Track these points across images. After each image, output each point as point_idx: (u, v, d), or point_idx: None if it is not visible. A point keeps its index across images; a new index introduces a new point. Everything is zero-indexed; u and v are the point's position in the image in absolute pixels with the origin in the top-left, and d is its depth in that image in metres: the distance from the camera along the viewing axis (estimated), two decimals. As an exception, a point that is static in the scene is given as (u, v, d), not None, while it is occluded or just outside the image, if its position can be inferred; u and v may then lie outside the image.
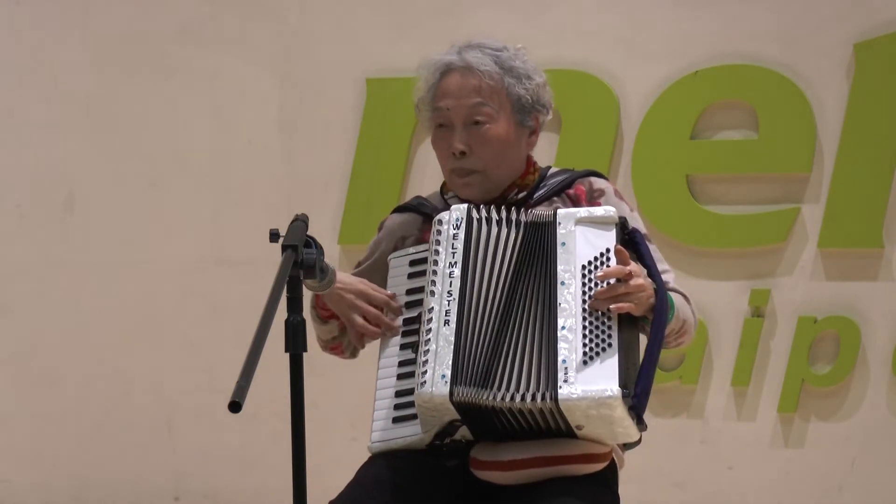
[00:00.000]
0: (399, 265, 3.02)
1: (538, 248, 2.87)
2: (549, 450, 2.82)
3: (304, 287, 2.73)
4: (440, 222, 2.91)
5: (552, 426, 2.79)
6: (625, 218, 2.89)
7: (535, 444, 2.82)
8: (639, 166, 4.81)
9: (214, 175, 5.22)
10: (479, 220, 2.90)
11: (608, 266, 2.81)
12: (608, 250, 2.83)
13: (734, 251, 4.74)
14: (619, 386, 2.71)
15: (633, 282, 2.78)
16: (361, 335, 3.02)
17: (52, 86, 5.33)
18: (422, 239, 3.06)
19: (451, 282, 2.85)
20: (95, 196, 5.30)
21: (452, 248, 2.88)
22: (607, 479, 2.91)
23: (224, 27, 5.20)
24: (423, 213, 3.10)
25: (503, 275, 2.86)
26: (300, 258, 2.69)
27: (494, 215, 2.90)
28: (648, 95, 4.81)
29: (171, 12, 5.24)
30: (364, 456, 2.96)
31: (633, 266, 2.81)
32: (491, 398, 2.77)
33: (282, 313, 2.61)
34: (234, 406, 2.37)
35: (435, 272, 2.87)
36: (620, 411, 2.73)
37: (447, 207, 2.98)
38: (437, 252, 2.89)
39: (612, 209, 2.88)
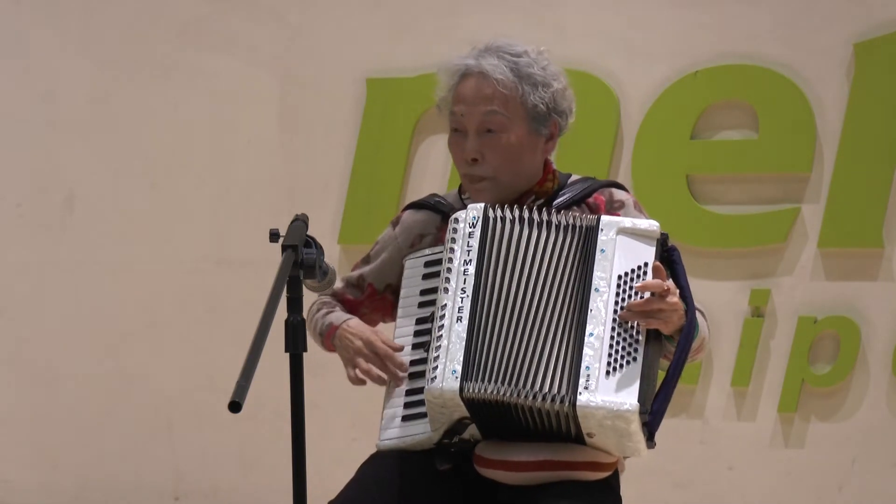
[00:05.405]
0: (414, 266, 3.01)
1: (575, 251, 2.84)
2: (557, 454, 2.82)
3: (304, 287, 2.73)
4: (456, 220, 2.90)
5: (563, 430, 2.79)
6: (666, 234, 2.87)
7: (543, 447, 2.82)
8: (639, 166, 4.80)
9: (214, 175, 5.21)
10: (496, 219, 2.88)
11: (644, 280, 2.79)
12: (646, 264, 2.82)
13: (734, 251, 4.74)
14: (638, 401, 2.72)
15: (669, 299, 2.77)
16: (359, 378, 3.00)
17: (52, 86, 5.33)
18: (439, 238, 3.04)
19: (465, 279, 2.84)
20: (95, 196, 5.30)
21: (468, 245, 2.87)
22: (611, 483, 2.91)
23: (224, 27, 5.20)
24: (441, 211, 3.08)
25: (529, 273, 2.84)
26: (300, 258, 2.70)
27: (511, 214, 2.88)
28: (648, 95, 4.80)
29: (171, 12, 5.24)
30: (364, 456, 2.96)
31: (671, 284, 2.80)
32: (509, 395, 2.76)
33: (282, 313, 2.62)
34: (234, 406, 2.37)
35: (449, 269, 2.86)
36: (635, 426, 2.74)
37: (464, 207, 2.97)
38: (452, 250, 2.87)
39: (656, 224, 2.86)
